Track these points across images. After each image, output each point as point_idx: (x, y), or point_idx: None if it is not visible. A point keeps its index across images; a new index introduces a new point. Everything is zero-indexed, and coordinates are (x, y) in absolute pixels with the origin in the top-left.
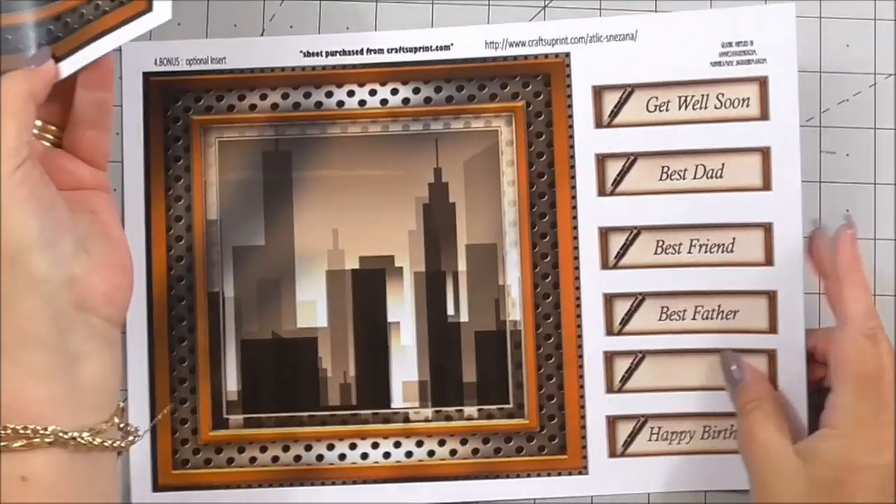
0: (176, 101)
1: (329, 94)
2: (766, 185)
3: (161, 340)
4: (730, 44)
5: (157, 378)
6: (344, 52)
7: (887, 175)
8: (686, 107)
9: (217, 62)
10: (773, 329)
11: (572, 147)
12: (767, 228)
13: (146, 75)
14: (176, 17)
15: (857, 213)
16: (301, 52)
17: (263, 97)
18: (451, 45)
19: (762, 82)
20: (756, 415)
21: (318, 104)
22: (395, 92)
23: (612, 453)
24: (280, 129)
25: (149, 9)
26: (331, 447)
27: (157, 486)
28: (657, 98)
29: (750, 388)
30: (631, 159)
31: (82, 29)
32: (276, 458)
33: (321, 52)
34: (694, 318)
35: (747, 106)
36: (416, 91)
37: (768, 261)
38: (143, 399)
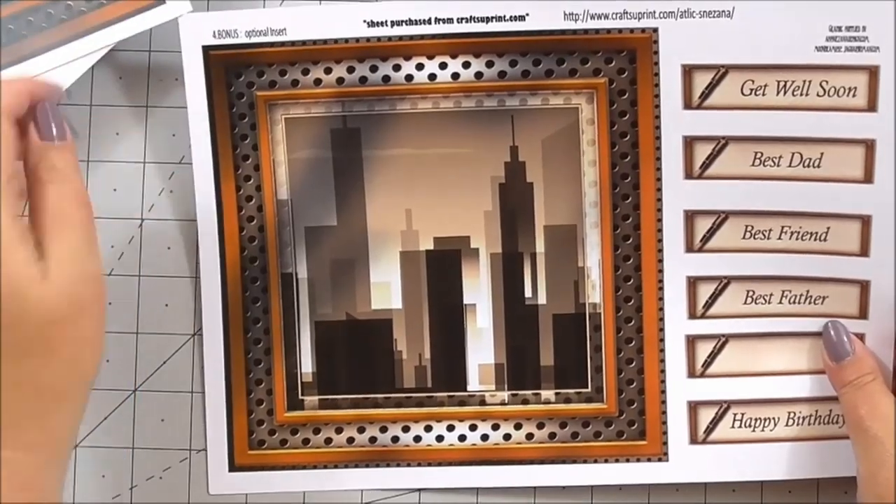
0: (238, 77)
1: (397, 68)
2: (868, 178)
3: (236, 322)
4: (839, 28)
5: (232, 360)
6: (410, 22)
7: None
8: (785, 92)
9: (277, 33)
10: (863, 315)
11: (658, 128)
12: (866, 221)
13: (205, 49)
14: None
15: None
16: (365, 21)
17: (328, 71)
18: (527, 15)
19: (873, 72)
20: (874, 387)
21: (386, 78)
22: (466, 65)
23: (693, 440)
24: (347, 106)
25: (161, 1)
26: (406, 429)
27: (232, 466)
28: (753, 81)
29: (863, 361)
30: (722, 143)
31: (90, 13)
32: (351, 440)
33: (386, 22)
34: (780, 303)
35: (853, 96)
36: (490, 64)
37: (864, 252)
38: (220, 382)
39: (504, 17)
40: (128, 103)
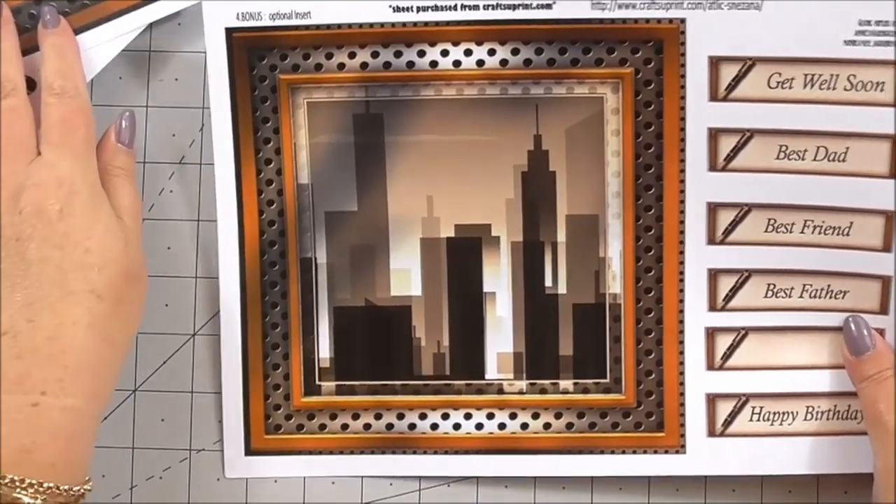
0: (261, 60)
1: (421, 54)
2: (893, 174)
3: (254, 305)
4: (868, 22)
5: (250, 343)
6: (436, 8)
7: None
8: (812, 86)
9: (301, 17)
10: (883, 310)
11: (683, 119)
12: (889, 217)
13: (229, 31)
14: None
15: None
16: (390, 6)
17: (352, 56)
18: (554, 3)
19: None
20: (893, 381)
21: (410, 64)
22: (492, 52)
23: (712, 433)
24: (371, 91)
25: None
26: (423, 416)
27: (249, 451)
28: (780, 74)
29: (884, 356)
30: (747, 136)
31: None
32: (368, 426)
33: (412, 7)
34: (801, 297)
35: (881, 90)
36: (515, 52)
37: (886, 247)
38: (237, 367)
39: (531, 4)
40: (127, 104)
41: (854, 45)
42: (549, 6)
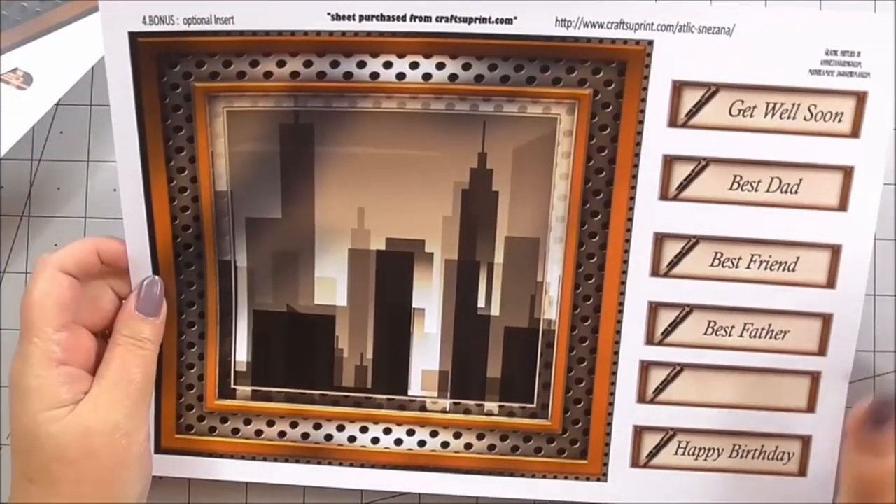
0: (173, 66)
1: (361, 65)
2: (843, 206)
3: (169, 301)
4: (834, 52)
5: (165, 339)
6: (382, 17)
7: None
8: (773, 114)
9: (223, 22)
10: (822, 352)
11: (639, 144)
12: (836, 250)
13: (133, 36)
14: None
15: None
16: (329, 14)
17: (281, 64)
18: (515, 18)
19: (861, 97)
20: None
21: (348, 75)
22: (441, 66)
23: (635, 463)
24: (301, 101)
25: None
26: (341, 428)
27: (158, 448)
28: (743, 101)
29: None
30: (702, 164)
31: None
32: (282, 434)
33: (354, 16)
34: (741, 336)
35: (839, 121)
36: (467, 67)
37: (830, 283)
38: None
39: (489, 18)
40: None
41: (819, 75)
42: (510, 21)
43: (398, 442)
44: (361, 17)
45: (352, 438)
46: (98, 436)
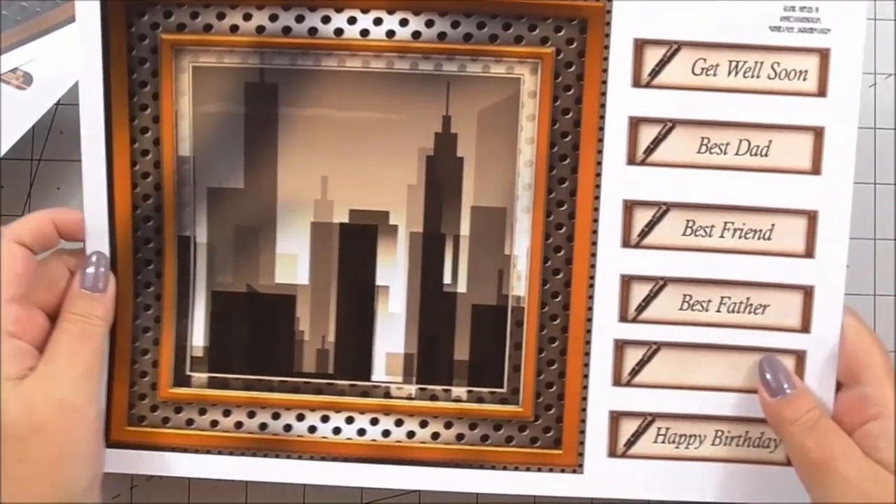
0: (141, 16)
1: (326, 20)
2: (816, 170)
3: (124, 284)
4: (793, 7)
5: (118, 325)
6: None
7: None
8: (736, 73)
9: None
10: (805, 328)
11: (603, 106)
12: (812, 216)
13: None
14: None
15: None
16: None
17: (247, 17)
18: None
19: (823, 55)
20: (824, 425)
21: (313, 30)
22: (404, 23)
23: (612, 453)
24: (266, 58)
25: None
26: (301, 417)
27: (108, 442)
28: (705, 60)
29: (805, 398)
30: (668, 126)
31: None
32: (239, 424)
33: None
34: (719, 311)
35: (804, 79)
36: (430, 24)
37: (809, 253)
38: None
39: None
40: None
41: (779, 32)
42: None
43: (361, 432)
44: None
45: (312, 429)
46: (44, 407)
